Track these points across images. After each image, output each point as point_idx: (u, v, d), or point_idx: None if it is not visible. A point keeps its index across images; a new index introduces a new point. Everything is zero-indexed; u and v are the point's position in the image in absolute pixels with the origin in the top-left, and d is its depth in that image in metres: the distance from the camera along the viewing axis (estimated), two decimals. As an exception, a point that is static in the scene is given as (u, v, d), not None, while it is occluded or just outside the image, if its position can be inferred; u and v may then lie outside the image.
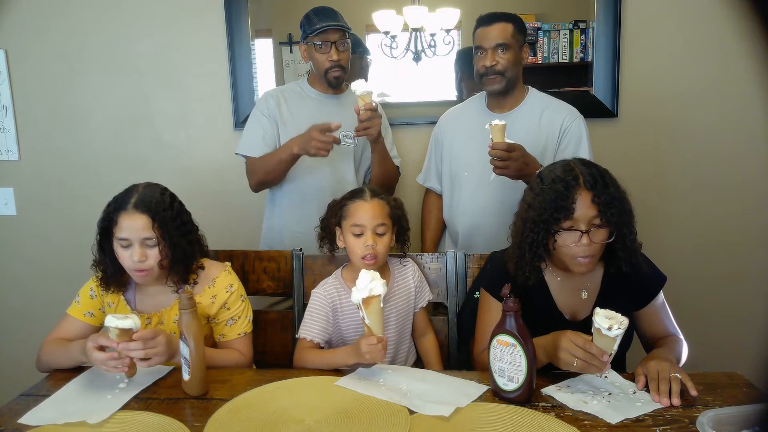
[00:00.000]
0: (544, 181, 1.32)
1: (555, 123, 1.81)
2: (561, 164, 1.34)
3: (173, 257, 1.40)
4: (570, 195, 1.25)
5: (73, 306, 1.48)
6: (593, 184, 1.26)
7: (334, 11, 1.88)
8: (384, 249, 1.48)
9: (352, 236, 1.48)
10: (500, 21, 1.75)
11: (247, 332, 1.52)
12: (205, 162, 2.37)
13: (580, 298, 1.40)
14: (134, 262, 1.36)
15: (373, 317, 1.27)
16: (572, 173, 1.28)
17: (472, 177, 1.86)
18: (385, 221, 1.48)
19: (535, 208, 1.29)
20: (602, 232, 1.27)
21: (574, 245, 1.27)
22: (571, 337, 1.19)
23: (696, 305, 2.21)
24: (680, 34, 2.16)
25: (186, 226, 1.44)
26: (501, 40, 1.74)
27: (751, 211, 2.22)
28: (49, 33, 2.34)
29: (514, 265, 1.36)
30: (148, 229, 1.36)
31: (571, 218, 1.25)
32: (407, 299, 1.57)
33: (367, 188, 1.55)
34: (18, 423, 1.16)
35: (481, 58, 1.78)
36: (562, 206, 1.25)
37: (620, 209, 1.26)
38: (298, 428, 1.11)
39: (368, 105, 1.70)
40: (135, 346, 1.24)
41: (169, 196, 1.45)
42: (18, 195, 2.46)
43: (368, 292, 1.25)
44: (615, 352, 1.17)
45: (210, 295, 1.47)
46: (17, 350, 2.31)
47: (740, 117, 2.18)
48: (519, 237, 1.34)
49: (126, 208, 1.37)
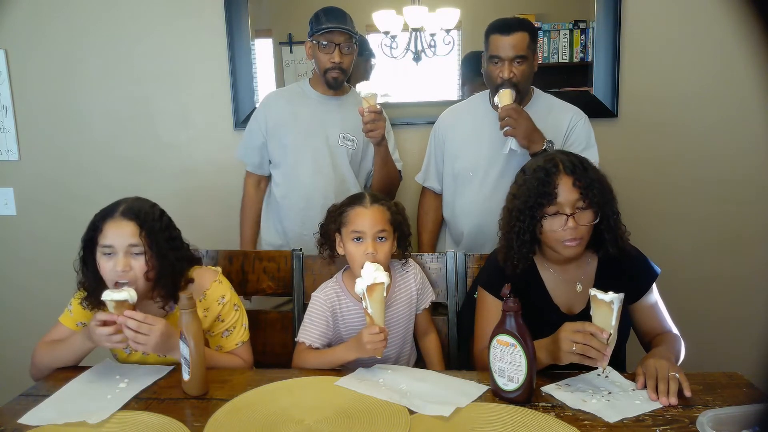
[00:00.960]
0: (527, 172, 1.37)
1: (562, 122, 1.82)
2: (542, 156, 1.41)
3: (160, 270, 1.33)
4: (551, 181, 1.30)
5: (65, 314, 1.46)
6: (572, 169, 1.32)
7: (344, 14, 1.87)
8: (385, 256, 1.45)
9: (352, 243, 1.45)
10: (518, 30, 1.71)
11: (245, 341, 1.50)
12: (205, 162, 2.37)
13: (575, 291, 1.42)
14: (117, 272, 1.29)
15: (376, 306, 1.27)
16: (552, 161, 1.34)
17: (477, 177, 1.85)
18: (385, 227, 1.46)
19: (519, 197, 1.34)
20: (587, 214, 1.32)
21: (561, 229, 1.31)
22: (570, 325, 1.22)
23: (696, 305, 2.21)
24: (680, 34, 2.16)
25: (175, 241, 1.39)
26: (520, 51, 1.71)
27: (752, 210, 2.22)
28: (49, 33, 2.33)
29: (503, 255, 1.40)
30: (135, 236, 1.31)
31: (554, 203, 1.30)
32: (409, 304, 1.56)
33: (367, 194, 1.53)
34: (18, 423, 1.16)
35: (497, 67, 1.74)
36: (545, 192, 1.30)
37: (601, 190, 1.32)
38: (298, 428, 1.11)
39: (372, 107, 1.70)
40: (131, 324, 1.24)
41: (158, 210, 1.41)
42: (18, 195, 2.45)
43: (372, 279, 1.26)
44: (615, 335, 1.17)
45: (202, 308, 1.43)
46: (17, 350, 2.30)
47: (740, 117, 2.18)
48: (506, 227, 1.38)
49: (113, 215, 1.33)
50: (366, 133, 1.75)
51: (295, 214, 1.96)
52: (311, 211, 1.91)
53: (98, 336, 1.26)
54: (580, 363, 1.21)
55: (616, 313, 1.16)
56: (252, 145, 2.02)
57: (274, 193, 2.02)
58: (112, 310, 1.26)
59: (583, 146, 1.79)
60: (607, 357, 1.17)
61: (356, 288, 1.29)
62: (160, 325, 1.27)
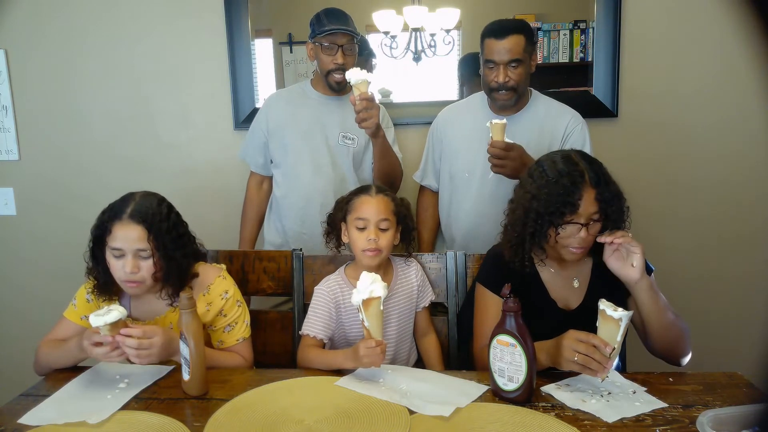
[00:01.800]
0: (548, 172, 1.33)
1: (559, 125, 1.81)
2: (561, 155, 1.37)
3: (167, 270, 1.37)
4: (576, 192, 1.28)
5: (69, 309, 1.47)
6: (597, 182, 1.30)
7: (345, 15, 1.87)
8: (387, 244, 1.48)
9: (355, 230, 1.49)
10: (513, 33, 1.69)
11: (246, 337, 1.51)
12: (205, 162, 2.37)
13: (572, 287, 1.43)
14: (126, 273, 1.33)
15: (373, 320, 1.27)
16: (577, 168, 1.31)
17: (474, 178, 1.85)
18: (388, 217, 1.48)
19: (540, 200, 1.32)
20: (598, 225, 1.33)
21: (572, 237, 1.32)
22: (573, 333, 1.22)
23: (696, 305, 2.21)
24: (680, 34, 2.16)
25: (182, 239, 1.41)
26: (515, 55, 1.69)
27: (752, 210, 2.22)
28: (49, 33, 2.33)
29: (511, 251, 1.39)
30: (142, 241, 1.33)
31: (575, 213, 1.29)
32: (409, 298, 1.57)
33: (374, 185, 1.56)
34: (18, 423, 1.16)
35: (492, 71, 1.73)
36: (568, 202, 1.28)
37: (618, 207, 1.32)
38: (298, 428, 1.11)
39: (364, 95, 1.66)
40: (131, 343, 1.24)
41: (166, 206, 1.42)
42: (18, 195, 2.45)
43: (368, 293, 1.25)
44: (618, 349, 1.18)
45: (205, 302, 1.45)
46: (17, 350, 2.31)
47: (740, 117, 2.18)
48: (520, 226, 1.36)
49: (121, 217, 1.34)
50: (359, 123, 1.71)
51: (295, 214, 1.96)
52: (310, 210, 1.92)
53: (96, 354, 1.26)
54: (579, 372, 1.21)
55: (623, 330, 1.16)
56: (254, 145, 2.03)
57: (275, 193, 2.03)
58: (106, 333, 1.24)
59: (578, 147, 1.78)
60: (607, 369, 1.18)
61: (353, 299, 1.28)
62: (159, 336, 1.27)
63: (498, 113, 1.84)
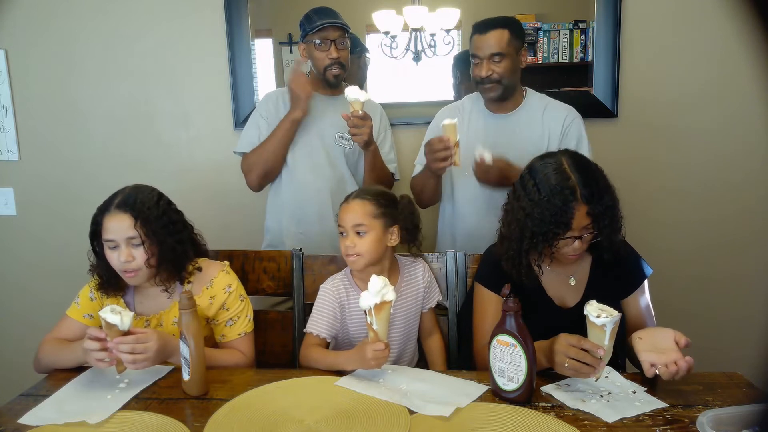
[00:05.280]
0: (540, 188, 1.31)
1: (557, 121, 1.81)
2: (553, 167, 1.33)
3: (160, 256, 1.39)
4: (569, 211, 1.28)
5: (72, 307, 1.48)
6: (589, 198, 1.28)
7: (333, 11, 1.89)
8: (366, 248, 1.45)
9: (340, 236, 1.50)
10: (495, 28, 1.72)
11: (248, 332, 1.52)
12: (205, 162, 2.37)
13: (569, 285, 1.43)
14: (121, 262, 1.36)
15: (382, 323, 1.27)
16: (568, 184, 1.29)
17: (473, 177, 1.85)
18: (364, 221, 1.46)
19: (533, 219, 1.31)
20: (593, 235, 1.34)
21: (567, 247, 1.33)
22: (564, 338, 1.22)
23: (695, 305, 2.21)
24: (680, 34, 2.16)
25: (175, 225, 1.43)
26: (496, 49, 1.72)
27: (752, 210, 2.22)
28: (49, 33, 2.33)
29: (509, 264, 1.39)
30: (131, 228, 1.36)
31: (568, 230, 1.30)
32: (415, 299, 1.57)
33: (359, 188, 1.57)
34: (18, 423, 1.16)
35: (476, 66, 1.77)
36: (561, 222, 1.28)
37: (612, 217, 1.31)
38: (298, 428, 1.11)
39: (356, 113, 1.74)
40: (124, 348, 1.24)
41: (156, 195, 1.44)
42: (18, 195, 2.45)
43: (381, 297, 1.24)
44: (609, 351, 1.18)
45: (208, 296, 1.47)
46: (17, 350, 2.31)
47: (740, 117, 2.18)
48: (516, 242, 1.36)
49: (109, 209, 1.38)
50: (351, 136, 1.80)
51: (291, 213, 1.96)
52: (307, 210, 1.93)
53: (84, 346, 1.26)
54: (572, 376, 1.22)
55: (609, 334, 1.17)
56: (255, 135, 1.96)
57: (270, 192, 2.03)
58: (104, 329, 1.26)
59: (575, 142, 1.79)
60: (599, 370, 1.18)
61: (361, 302, 1.26)
62: (153, 341, 1.27)
63: (494, 112, 1.85)
